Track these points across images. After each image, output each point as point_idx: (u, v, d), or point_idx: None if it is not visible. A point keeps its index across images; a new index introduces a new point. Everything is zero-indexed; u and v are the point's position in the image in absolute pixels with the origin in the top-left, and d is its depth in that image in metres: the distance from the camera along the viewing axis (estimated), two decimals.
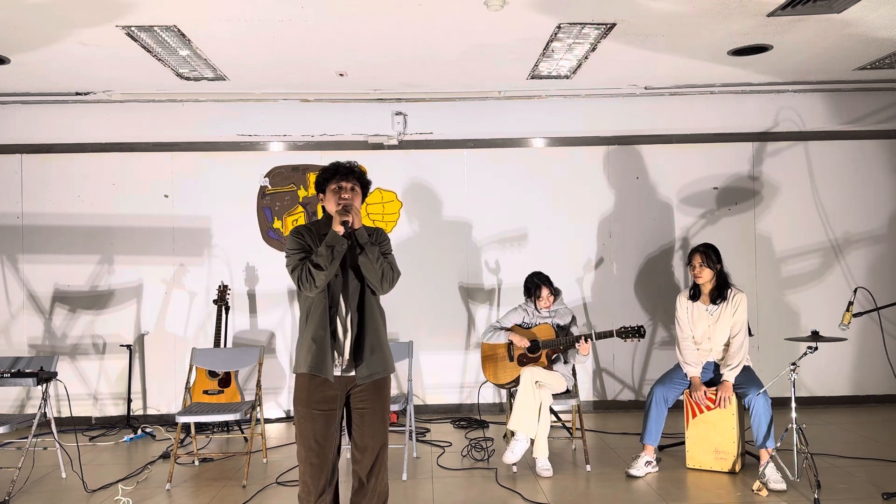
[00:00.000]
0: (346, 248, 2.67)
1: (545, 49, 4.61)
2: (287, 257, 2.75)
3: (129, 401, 5.55)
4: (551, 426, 4.24)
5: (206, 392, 4.96)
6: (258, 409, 4.41)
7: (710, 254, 4.10)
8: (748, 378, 4.00)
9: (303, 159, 5.75)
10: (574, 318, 4.48)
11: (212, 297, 5.45)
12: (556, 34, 4.33)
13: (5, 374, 4.05)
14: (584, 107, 5.78)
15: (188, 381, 4.42)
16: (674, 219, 5.78)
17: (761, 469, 3.76)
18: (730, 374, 4.00)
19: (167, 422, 5.55)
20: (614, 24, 4.19)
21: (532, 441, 4.13)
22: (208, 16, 3.94)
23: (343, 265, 2.71)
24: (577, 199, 5.78)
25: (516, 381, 4.24)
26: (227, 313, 5.38)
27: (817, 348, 3.58)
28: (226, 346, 5.41)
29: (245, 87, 5.39)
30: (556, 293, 4.48)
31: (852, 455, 4.32)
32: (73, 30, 4.11)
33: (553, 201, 5.78)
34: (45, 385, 4.13)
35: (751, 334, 4.21)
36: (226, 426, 5.33)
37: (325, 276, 2.63)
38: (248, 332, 5.70)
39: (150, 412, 5.65)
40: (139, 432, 5.27)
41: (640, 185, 5.79)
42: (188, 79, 5.13)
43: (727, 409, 4.00)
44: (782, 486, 3.71)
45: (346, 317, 2.73)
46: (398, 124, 5.73)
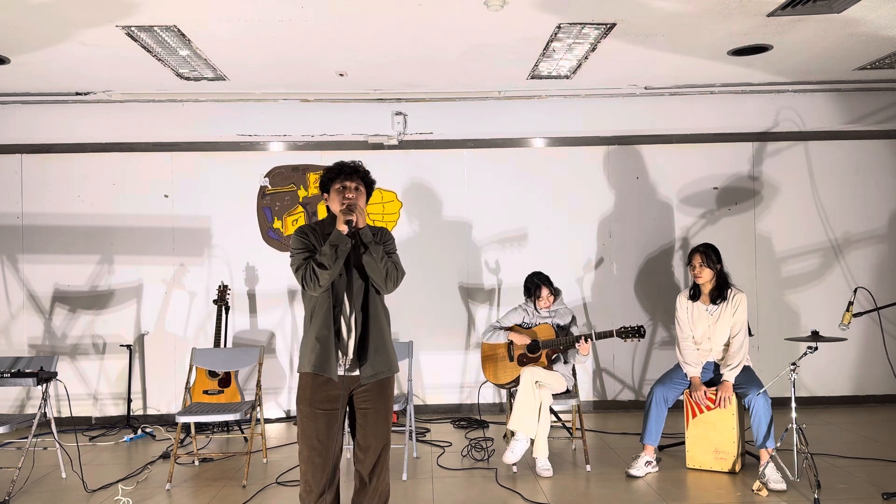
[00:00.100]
0: (349, 247, 2.67)
1: (545, 49, 4.61)
2: (291, 256, 2.76)
3: (129, 401, 5.56)
4: (551, 426, 4.24)
5: (206, 392, 4.96)
6: (258, 409, 4.41)
7: (710, 254, 4.10)
8: (748, 378, 4.00)
9: (303, 159, 5.75)
10: (574, 318, 4.48)
11: (212, 297, 5.45)
12: (556, 34, 4.33)
13: (5, 374, 4.05)
14: (584, 107, 5.78)
15: (188, 381, 4.42)
16: (674, 219, 5.78)
17: (761, 469, 3.76)
18: (730, 374, 4.00)
19: (167, 422, 5.55)
20: (614, 24, 4.19)
21: (532, 441, 4.13)
22: (208, 16, 3.94)
23: (347, 264, 2.71)
24: (577, 199, 5.78)
25: (516, 381, 4.24)
26: (227, 313, 5.38)
27: (817, 348, 3.58)
28: (226, 346, 5.41)
29: (245, 87, 5.39)
30: (556, 293, 4.48)
31: (852, 455, 4.32)
32: (74, 30, 4.11)
33: (553, 201, 5.78)
34: (45, 385, 4.13)
35: (751, 334, 4.21)
36: (226, 426, 5.33)
37: (329, 276, 2.63)
38: (248, 332, 5.70)
39: (150, 412, 5.65)
40: (139, 432, 5.27)
41: (640, 185, 5.79)
42: (188, 79, 5.13)
43: (727, 409, 4.00)
44: (782, 486, 3.71)
45: (350, 316, 2.73)
46: (398, 124, 5.73)
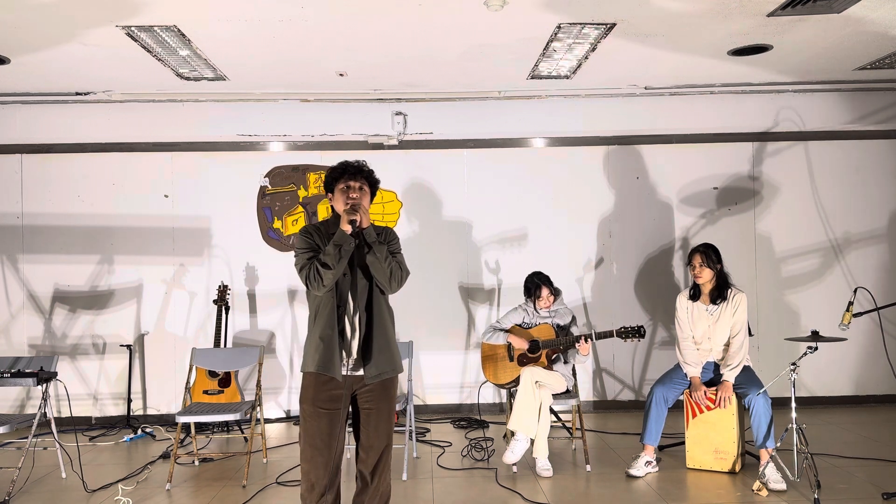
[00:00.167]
0: (353, 247, 2.67)
1: (545, 49, 4.61)
2: (296, 256, 2.76)
3: (129, 401, 5.55)
4: (551, 426, 4.24)
5: (206, 392, 4.96)
6: (258, 409, 4.41)
7: (710, 254, 4.10)
8: (748, 378, 4.00)
9: (303, 159, 5.75)
10: (574, 318, 4.48)
11: (212, 297, 5.45)
12: (556, 34, 4.33)
13: (5, 374, 4.05)
14: (584, 107, 5.78)
15: (188, 381, 4.42)
16: (674, 219, 5.78)
17: (761, 469, 3.76)
18: (730, 374, 4.00)
19: (167, 422, 5.55)
20: (614, 24, 4.19)
21: (532, 441, 4.13)
22: (208, 16, 3.94)
23: (351, 264, 2.71)
24: (577, 199, 5.78)
25: (516, 381, 4.24)
26: (227, 313, 5.38)
27: (817, 348, 3.58)
28: (226, 346, 5.41)
29: (245, 87, 5.39)
30: (556, 293, 4.48)
31: (852, 455, 4.32)
32: (74, 30, 4.11)
33: (553, 201, 5.78)
34: (45, 385, 4.12)
35: (751, 334, 4.21)
36: (226, 426, 5.33)
37: (333, 275, 2.63)
38: (248, 332, 5.70)
39: (150, 412, 5.65)
40: (139, 432, 5.27)
41: (640, 185, 5.79)
42: (188, 79, 5.13)
43: (727, 409, 4.00)
44: (782, 486, 3.71)
45: (354, 316, 2.73)
46: (398, 124, 5.73)
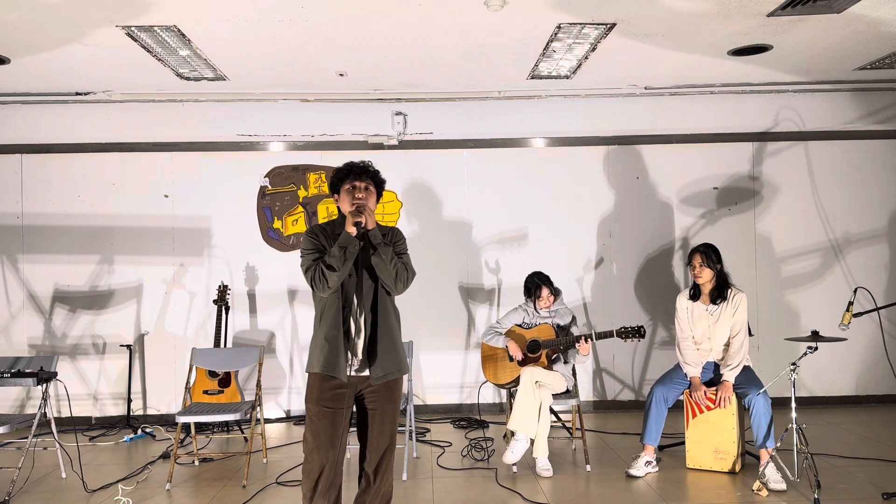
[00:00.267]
0: (358, 249, 2.67)
1: (545, 49, 4.61)
2: (301, 257, 2.76)
3: (129, 401, 5.55)
4: (551, 426, 4.24)
5: (206, 392, 4.95)
6: (258, 409, 4.41)
7: (710, 254, 4.10)
8: (748, 378, 4.00)
9: (303, 159, 5.75)
10: (574, 318, 4.48)
11: (212, 297, 5.45)
12: (556, 34, 4.33)
13: (5, 374, 4.05)
14: (584, 107, 5.78)
15: (188, 381, 4.42)
16: (674, 219, 5.78)
17: (761, 469, 3.76)
18: (730, 374, 4.00)
19: (167, 422, 5.55)
20: (614, 24, 4.19)
21: (532, 441, 4.13)
22: (208, 16, 3.94)
23: (357, 265, 2.72)
24: (577, 199, 5.78)
25: (516, 381, 4.24)
26: (227, 313, 5.38)
27: (817, 348, 3.58)
28: (226, 346, 5.41)
29: (245, 87, 5.39)
30: (556, 293, 4.48)
31: (852, 455, 4.32)
32: (74, 30, 4.11)
33: (553, 201, 5.78)
34: (45, 385, 4.12)
35: (751, 334, 4.21)
36: (226, 426, 5.33)
37: (338, 277, 2.64)
38: (248, 332, 5.70)
39: (150, 412, 5.65)
40: (139, 432, 5.27)
41: (640, 185, 5.79)
42: (188, 79, 5.13)
43: (727, 409, 4.00)
44: (782, 486, 3.71)
45: (359, 317, 2.74)
46: (398, 124, 5.73)
